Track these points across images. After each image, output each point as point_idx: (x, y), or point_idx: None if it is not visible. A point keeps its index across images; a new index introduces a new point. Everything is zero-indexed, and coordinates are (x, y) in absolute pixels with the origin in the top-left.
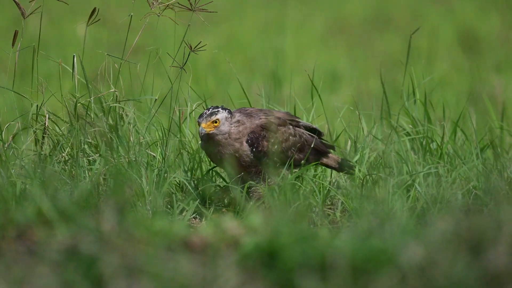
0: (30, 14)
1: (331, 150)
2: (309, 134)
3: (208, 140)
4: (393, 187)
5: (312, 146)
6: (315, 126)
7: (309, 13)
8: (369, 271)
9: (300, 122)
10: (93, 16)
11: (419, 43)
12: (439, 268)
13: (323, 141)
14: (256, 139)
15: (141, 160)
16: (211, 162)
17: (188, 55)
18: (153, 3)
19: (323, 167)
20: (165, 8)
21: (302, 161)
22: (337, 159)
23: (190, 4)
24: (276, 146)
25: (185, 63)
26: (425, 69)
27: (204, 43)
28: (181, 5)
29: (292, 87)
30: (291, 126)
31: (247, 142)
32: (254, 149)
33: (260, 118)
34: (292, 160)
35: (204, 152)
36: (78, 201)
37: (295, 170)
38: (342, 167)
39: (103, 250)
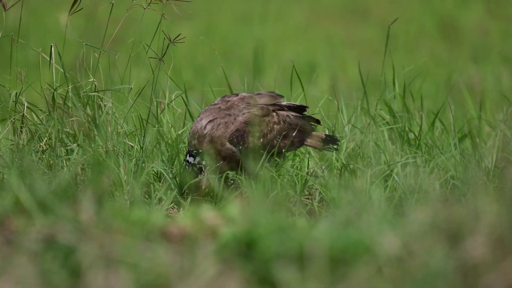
0: (12, 6)
1: (316, 125)
2: (293, 115)
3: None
4: (371, 177)
5: (296, 128)
6: (298, 103)
7: (287, 2)
8: (346, 261)
9: (283, 104)
10: (75, 5)
11: (397, 32)
12: (416, 258)
13: (306, 116)
14: (241, 136)
15: (119, 150)
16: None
17: (167, 47)
18: None
19: (301, 156)
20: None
21: (283, 150)
22: (321, 135)
23: None
24: (261, 139)
25: (163, 55)
26: (404, 59)
27: (184, 35)
28: None
29: (271, 76)
30: (274, 114)
31: (231, 142)
32: (240, 147)
33: (243, 114)
34: (276, 148)
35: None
36: (56, 191)
37: (277, 158)
38: (327, 143)
39: (81, 240)
